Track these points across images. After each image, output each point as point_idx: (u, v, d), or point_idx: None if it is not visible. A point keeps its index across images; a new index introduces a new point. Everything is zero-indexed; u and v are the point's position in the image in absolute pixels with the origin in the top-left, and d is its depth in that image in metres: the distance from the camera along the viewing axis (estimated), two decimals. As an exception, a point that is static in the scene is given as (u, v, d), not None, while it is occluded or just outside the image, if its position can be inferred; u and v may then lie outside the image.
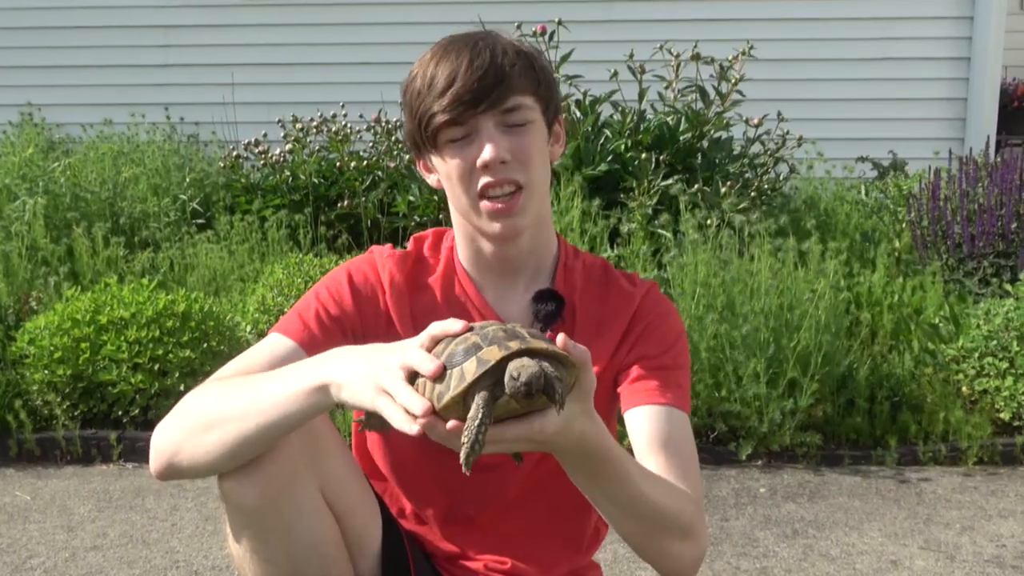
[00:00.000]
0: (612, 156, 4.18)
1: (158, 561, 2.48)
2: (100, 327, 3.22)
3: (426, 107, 1.28)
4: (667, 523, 1.22)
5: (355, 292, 1.37)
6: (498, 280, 1.41)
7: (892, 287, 3.81)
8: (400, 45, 5.85)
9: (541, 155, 1.32)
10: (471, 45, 1.28)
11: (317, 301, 1.36)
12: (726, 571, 2.44)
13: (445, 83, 1.26)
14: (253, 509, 1.22)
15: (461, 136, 1.28)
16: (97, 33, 6.20)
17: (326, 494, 1.28)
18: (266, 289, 3.66)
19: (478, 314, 1.39)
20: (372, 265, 1.40)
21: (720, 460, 3.12)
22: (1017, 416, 3.19)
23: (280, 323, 1.36)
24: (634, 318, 1.39)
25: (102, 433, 3.17)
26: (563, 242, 1.46)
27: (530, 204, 1.31)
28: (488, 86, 1.25)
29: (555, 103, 1.37)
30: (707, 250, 3.33)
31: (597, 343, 1.37)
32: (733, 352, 3.09)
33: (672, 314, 1.42)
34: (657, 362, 1.36)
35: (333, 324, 1.34)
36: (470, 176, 1.29)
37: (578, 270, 1.43)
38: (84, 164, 5.01)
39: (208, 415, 1.19)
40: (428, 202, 4.43)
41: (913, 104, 6.02)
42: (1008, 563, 2.49)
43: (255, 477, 1.20)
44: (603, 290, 1.42)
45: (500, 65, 1.26)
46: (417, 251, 1.45)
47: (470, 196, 1.30)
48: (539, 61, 1.34)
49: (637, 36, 4.92)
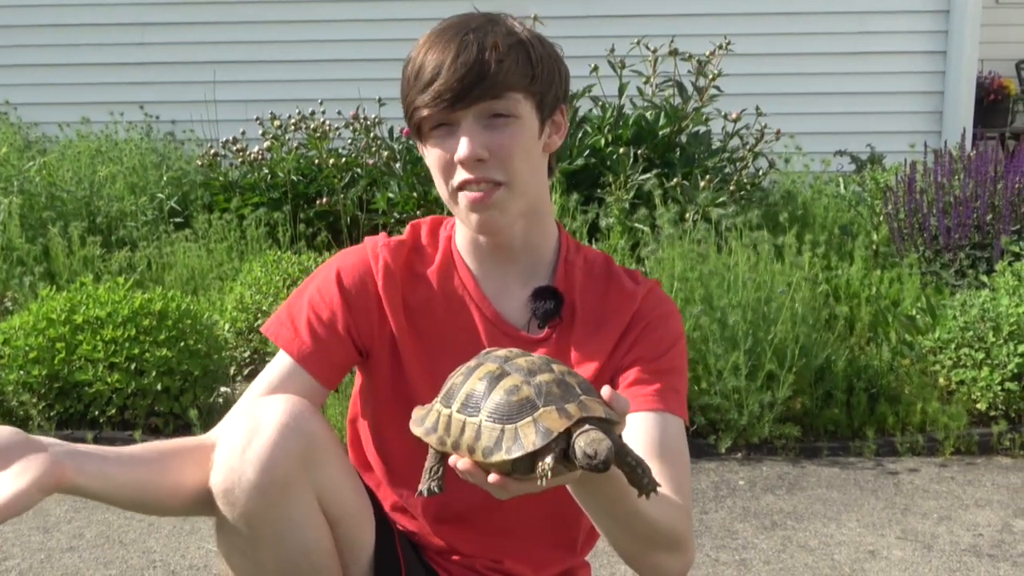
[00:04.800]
0: (589, 150, 4.18)
1: (135, 561, 2.46)
2: (76, 327, 3.19)
3: (411, 99, 1.28)
4: (661, 538, 1.21)
5: (344, 293, 1.36)
6: (497, 272, 1.39)
7: (870, 279, 3.83)
8: (378, 42, 5.87)
9: (525, 150, 1.28)
10: (461, 35, 1.25)
11: (309, 307, 1.36)
12: (705, 563, 2.44)
13: (429, 76, 1.24)
14: (245, 516, 1.20)
15: (443, 125, 1.27)
16: (73, 31, 6.15)
17: (321, 500, 1.26)
18: (244, 287, 3.64)
19: (476, 308, 1.38)
20: (363, 257, 1.39)
21: (699, 453, 3.13)
22: (993, 406, 3.21)
23: (278, 328, 1.37)
24: (634, 318, 1.37)
25: (78, 433, 3.15)
26: (565, 236, 1.43)
27: (510, 201, 1.28)
28: (468, 85, 1.23)
29: (554, 94, 1.32)
30: (684, 244, 3.34)
31: (595, 341, 1.36)
32: (712, 345, 3.09)
33: (673, 315, 1.39)
34: (656, 365, 1.34)
35: (325, 331, 1.35)
36: (449, 169, 1.28)
37: (579, 266, 1.41)
38: (60, 163, 4.98)
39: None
40: (407, 199, 4.42)
41: (890, 98, 6.06)
42: (984, 552, 2.51)
43: (249, 483, 1.18)
44: (604, 287, 1.40)
45: (485, 62, 1.23)
46: (414, 239, 1.42)
47: (449, 189, 1.29)
48: (537, 51, 1.30)
49: (614, 31, 4.93)
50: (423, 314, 1.38)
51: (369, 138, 4.70)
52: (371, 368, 1.40)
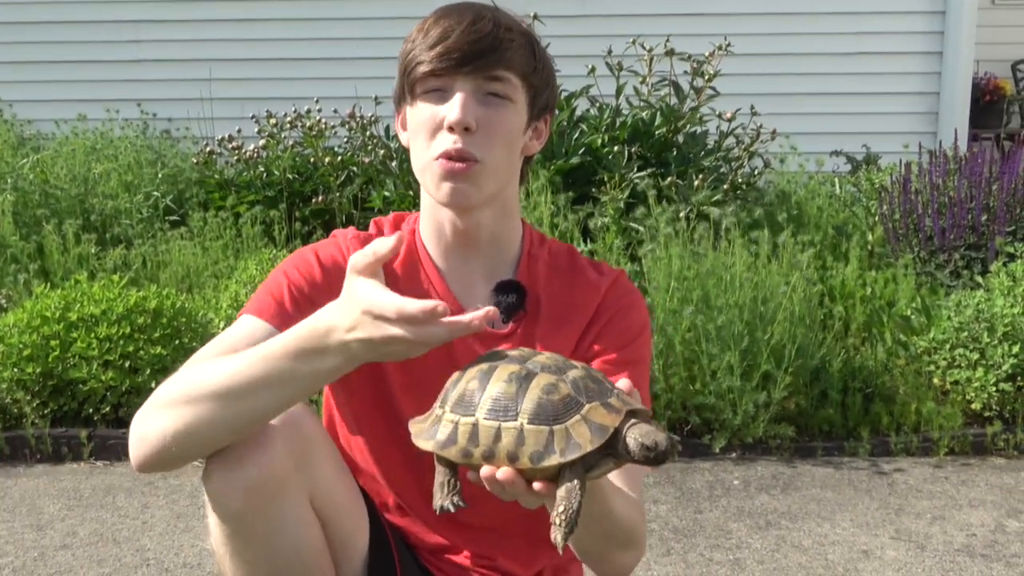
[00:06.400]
0: (585, 148, 4.18)
1: (128, 559, 2.46)
2: (70, 324, 3.19)
3: (414, 55, 1.27)
4: (623, 536, 1.22)
5: (324, 270, 1.34)
6: (461, 266, 1.38)
7: (865, 280, 3.83)
8: (374, 40, 5.85)
9: (510, 136, 1.29)
10: (477, 10, 1.28)
11: (286, 279, 1.32)
12: (699, 563, 2.44)
13: (439, 36, 1.25)
14: (237, 513, 1.20)
15: (438, 88, 1.26)
16: (68, 28, 6.13)
17: (314, 499, 1.26)
18: (239, 285, 3.63)
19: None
20: (337, 247, 1.38)
21: (694, 453, 3.13)
22: (988, 407, 3.21)
23: (250, 304, 1.32)
24: (598, 310, 1.38)
25: (72, 431, 3.14)
26: (528, 230, 1.43)
27: (485, 181, 1.28)
28: (480, 50, 1.24)
29: (546, 98, 1.35)
30: (680, 243, 3.34)
31: (560, 334, 1.36)
32: (707, 345, 3.09)
33: (637, 305, 1.40)
34: (620, 356, 1.34)
35: (305, 301, 1.30)
36: (435, 132, 1.27)
37: (543, 259, 1.41)
38: (55, 160, 4.96)
39: (200, 388, 1.13)
40: (403, 197, 4.41)
41: (886, 98, 6.06)
42: (978, 552, 2.51)
43: (242, 482, 1.17)
44: (568, 280, 1.40)
45: (499, 37, 1.25)
46: (379, 234, 1.41)
47: (429, 153, 1.28)
48: (542, 50, 1.33)
49: (611, 31, 4.93)
50: None
51: (365, 136, 4.69)
52: None
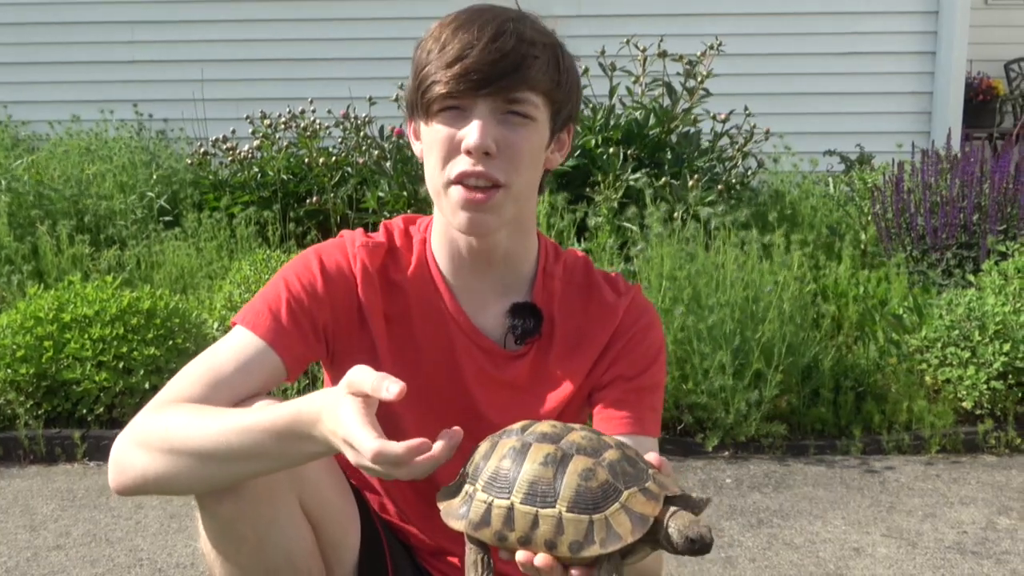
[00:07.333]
0: (579, 151, 4.19)
1: (122, 560, 2.46)
2: (64, 325, 3.19)
3: (429, 72, 1.19)
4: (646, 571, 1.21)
5: (327, 278, 1.29)
6: (474, 282, 1.33)
7: (857, 279, 3.84)
8: (368, 41, 5.87)
9: (532, 157, 1.23)
10: (499, 22, 1.19)
11: (286, 289, 1.28)
12: (691, 561, 2.45)
13: (457, 53, 1.17)
14: (227, 518, 1.19)
15: (454, 107, 1.20)
16: (62, 29, 6.13)
17: (304, 502, 1.25)
18: (233, 286, 3.63)
19: (452, 320, 1.33)
20: (343, 251, 1.33)
21: (687, 451, 3.14)
22: (979, 405, 3.23)
23: (246, 313, 1.27)
24: (615, 334, 1.34)
25: (66, 432, 3.14)
26: (544, 244, 1.38)
27: (506, 205, 1.23)
28: (500, 71, 1.17)
29: (569, 109, 1.28)
30: (673, 243, 3.34)
31: (575, 359, 1.33)
32: (699, 344, 3.10)
33: (654, 326, 1.36)
34: (635, 384, 1.32)
35: (303, 316, 1.27)
36: (451, 155, 1.21)
37: (558, 275, 1.37)
38: (49, 161, 4.96)
39: (183, 441, 1.13)
40: (398, 198, 4.42)
41: (879, 98, 6.08)
42: (969, 549, 2.52)
43: (232, 487, 1.17)
44: (584, 300, 1.36)
45: (522, 54, 1.18)
46: (389, 241, 1.36)
47: (445, 176, 1.22)
48: (567, 61, 1.25)
49: (605, 31, 4.93)
50: (399, 323, 1.33)
51: (359, 137, 4.70)
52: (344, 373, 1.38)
